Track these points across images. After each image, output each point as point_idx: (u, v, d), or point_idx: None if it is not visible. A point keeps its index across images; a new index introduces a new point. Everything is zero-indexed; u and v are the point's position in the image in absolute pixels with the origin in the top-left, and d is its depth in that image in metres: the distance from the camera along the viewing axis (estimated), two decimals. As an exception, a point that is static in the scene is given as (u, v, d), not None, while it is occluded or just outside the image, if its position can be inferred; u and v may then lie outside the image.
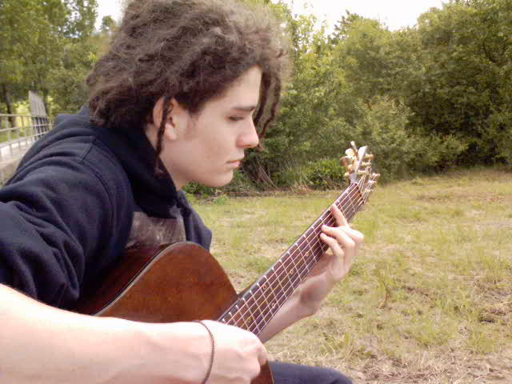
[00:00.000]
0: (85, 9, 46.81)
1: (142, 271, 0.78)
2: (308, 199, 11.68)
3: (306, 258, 1.13)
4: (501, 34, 18.95)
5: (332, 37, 37.43)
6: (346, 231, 1.18)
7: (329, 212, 1.22)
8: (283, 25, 12.64)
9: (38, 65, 37.53)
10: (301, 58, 14.28)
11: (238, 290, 0.99)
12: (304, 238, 1.14)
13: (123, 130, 0.90)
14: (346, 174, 1.40)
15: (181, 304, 0.84)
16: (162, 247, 0.83)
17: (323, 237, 1.17)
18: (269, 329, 1.10)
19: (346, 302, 3.91)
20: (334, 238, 1.17)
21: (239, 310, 0.94)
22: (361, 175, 1.41)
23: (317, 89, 14.30)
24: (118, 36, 0.92)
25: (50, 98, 38.63)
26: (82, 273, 0.73)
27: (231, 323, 0.91)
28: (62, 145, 0.85)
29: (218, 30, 0.86)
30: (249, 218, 8.54)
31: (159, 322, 0.70)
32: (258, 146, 1.01)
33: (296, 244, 1.11)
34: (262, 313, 0.99)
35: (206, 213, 8.53)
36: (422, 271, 4.80)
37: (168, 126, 0.90)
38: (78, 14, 47.06)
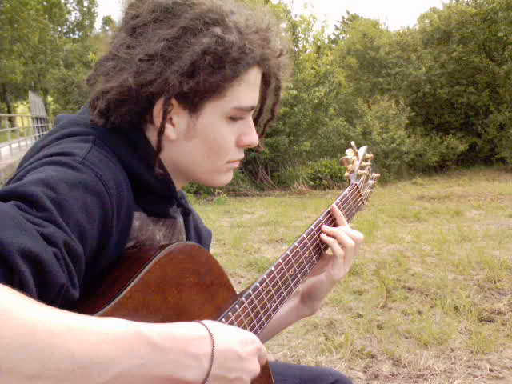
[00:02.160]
0: (85, 9, 46.81)
1: (142, 271, 0.78)
2: (308, 199, 11.68)
3: (306, 258, 1.13)
4: (501, 34, 18.95)
5: (332, 37, 37.48)
6: (346, 231, 1.18)
7: (329, 212, 1.22)
8: (283, 25, 12.61)
9: (38, 65, 37.53)
10: (301, 57, 14.27)
11: (238, 290, 0.99)
12: (304, 238, 1.14)
13: (123, 130, 0.90)
14: (346, 174, 1.39)
15: (181, 304, 0.84)
16: (162, 247, 0.83)
17: (323, 237, 1.17)
18: (269, 329, 1.10)
19: (346, 302, 3.91)
20: (334, 237, 1.17)
21: (239, 310, 0.93)
22: (361, 175, 1.41)
23: (317, 89, 14.29)
24: (118, 36, 0.92)
25: (50, 98, 38.60)
26: (81, 273, 0.73)
27: (231, 323, 0.91)
28: (62, 145, 0.85)
29: (217, 30, 0.86)
30: (249, 218, 8.54)
31: (159, 321, 0.70)
32: (258, 146, 1.01)
33: (296, 244, 1.11)
34: (262, 313, 0.99)
35: (206, 213, 8.53)
36: (422, 271, 4.80)
37: (168, 126, 0.90)
38: (78, 14, 47.11)
